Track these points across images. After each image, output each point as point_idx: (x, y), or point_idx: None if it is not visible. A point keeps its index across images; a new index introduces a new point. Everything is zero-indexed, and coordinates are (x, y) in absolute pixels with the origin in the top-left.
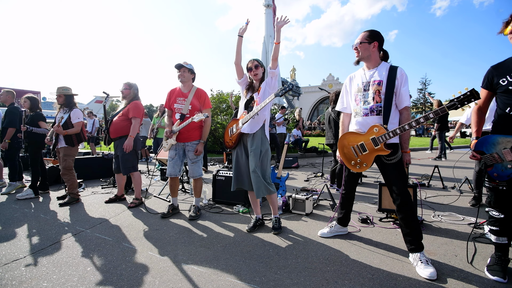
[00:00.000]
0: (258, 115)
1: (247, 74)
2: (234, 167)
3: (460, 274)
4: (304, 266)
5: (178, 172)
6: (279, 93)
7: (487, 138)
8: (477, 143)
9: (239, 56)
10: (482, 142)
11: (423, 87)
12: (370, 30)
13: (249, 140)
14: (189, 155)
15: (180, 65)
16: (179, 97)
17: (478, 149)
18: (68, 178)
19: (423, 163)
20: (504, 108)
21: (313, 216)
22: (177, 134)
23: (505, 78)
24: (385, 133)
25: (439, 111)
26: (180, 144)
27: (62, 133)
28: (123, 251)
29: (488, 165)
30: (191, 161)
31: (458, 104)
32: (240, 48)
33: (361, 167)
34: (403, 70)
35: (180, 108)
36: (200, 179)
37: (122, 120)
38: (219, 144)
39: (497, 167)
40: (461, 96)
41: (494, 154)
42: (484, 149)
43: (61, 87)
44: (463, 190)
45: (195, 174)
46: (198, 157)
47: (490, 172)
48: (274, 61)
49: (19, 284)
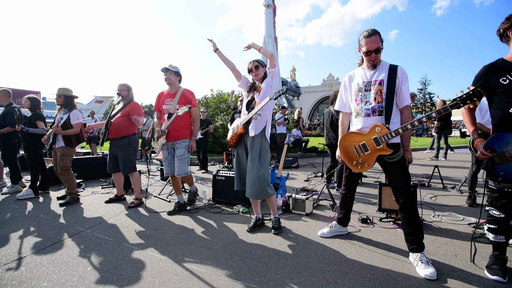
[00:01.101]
0: (261, 116)
1: (245, 76)
2: (236, 167)
3: (460, 274)
4: (304, 266)
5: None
6: (273, 97)
7: (501, 136)
8: (489, 140)
9: (229, 64)
10: (495, 139)
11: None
12: (377, 32)
13: (249, 142)
14: (176, 152)
15: (166, 69)
16: (167, 99)
17: (489, 146)
18: (66, 178)
19: (423, 163)
20: (506, 108)
21: (313, 216)
22: (167, 134)
23: (506, 77)
24: (387, 132)
25: (442, 110)
26: (170, 143)
27: (61, 133)
28: (123, 251)
29: (495, 163)
30: (177, 158)
31: (460, 103)
32: (224, 58)
33: (363, 167)
34: (403, 69)
35: (168, 108)
36: (189, 176)
37: (123, 121)
38: (219, 144)
39: (505, 166)
40: (464, 95)
41: (506, 153)
42: (496, 147)
43: (62, 87)
44: (463, 190)
45: (180, 172)
46: (185, 155)
47: (497, 170)
48: (271, 58)
49: (19, 284)
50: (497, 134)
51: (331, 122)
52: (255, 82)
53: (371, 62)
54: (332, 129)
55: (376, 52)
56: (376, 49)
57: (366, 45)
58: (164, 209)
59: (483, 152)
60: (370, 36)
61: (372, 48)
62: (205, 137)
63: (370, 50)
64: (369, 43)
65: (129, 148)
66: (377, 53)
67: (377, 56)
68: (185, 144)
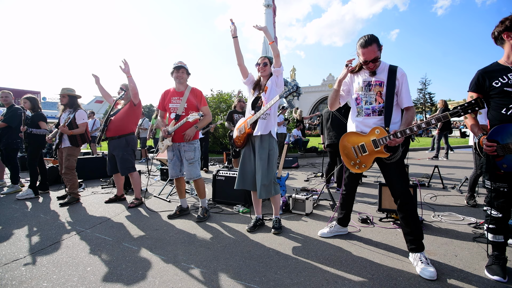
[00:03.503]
0: (269, 115)
1: (252, 74)
2: (240, 166)
3: (460, 274)
4: (304, 266)
5: (179, 173)
6: (284, 95)
7: (504, 126)
8: (491, 132)
9: (240, 57)
10: (498, 131)
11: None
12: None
13: (257, 142)
14: (186, 155)
15: (180, 66)
16: (174, 97)
17: (492, 138)
18: (69, 177)
19: (423, 163)
20: (499, 109)
21: (313, 216)
22: (173, 135)
23: (498, 80)
24: (386, 135)
25: (441, 118)
26: (176, 145)
27: (68, 133)
28: (123, 251)
29: (498, 155)
30: (187, 162)
31: (461, 112)
32: (238, 48)
33: (360, 168)
34: (402, 69)
35: (175, 107)
36: (200, 179)
37: (122, 118)
38: (219, 144)
39: (508, 158)
40: (466, 104)
41: (510, 145)
42: (499, 138)
43: (66, 87)
44: (463, 190)
45: (192, 175)
46: (195, 158)
47: (499, 162)
48: (277, 58)
49: (19, 284)
50: (499, 125)
51: (332, 121)
52: (260, 80)
53: (369, 70)
54: (333, 128)
55: (374, 62)
56: (374, 59)
57: (363, 55)
58: (164, 209)
59: (488, 144)
60: (367, 46)
61: (369, 58)
62: (206, 137)
63: (367, 60)
64: (365, 53)
65: (127, 148)
66: (374, 62)
67: (375, 64)
68: (194, 147)
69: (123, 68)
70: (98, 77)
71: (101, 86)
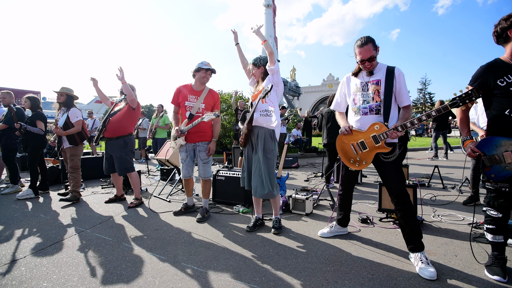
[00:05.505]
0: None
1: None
2: (244, 166)
3: (460, 274)
4: (304, 266)
5: (191, 173)
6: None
7: (490, 139)
8: (479, 144)
9: (244, 61)
10: (485, 143)
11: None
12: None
13: (255, 141)
14: (200, 155)
15: (211, 69)
16: (191, 95)
17: (479, 149)
18: (74, 176)
19: (423, 163)
20: (502, 110)
21: (313, 216)
22: (186, 134)
23: (503, 79)
24: (386, 130)
25: (441, 109)
26: (190, 145)
27: (63, 134)
28: (123, 251)
29: (486, 166)
30: (202, 162)
31: (459, 102)
32: (241, 54)
33: (360, 165)
34: (399, 69)
35: (191, 106)
36: (209, 180)
37: (121, 119)
38: (219, 144)
39: (495, 168)
40: (463, 94)
41: (495, 156)
42: (486, 150)
43: (65, 87)
44: (463, 190)
45: (206, 175)
46: (210, 157)
47: (487, 172)
48: (270, 56)
49: (19, 284)
50: (486, 137)
51: (333, 121)
52: (259, 81)
53: (366, 69)
54: (333, 128)
55: (370, 61)
56: (370, 58)
57: (359, 54)
58: (164, 209)
59: (473, 149)
60: (363, 45)
61: (365, 57)
62: None
63: (364, 59)
64: (362, 52)
65: (125, 148)
66: (370, 61)
67: (372, 63)
68: (208, 147)
69: (119, 76)
70: (96, 80)
71: (99, 89)
